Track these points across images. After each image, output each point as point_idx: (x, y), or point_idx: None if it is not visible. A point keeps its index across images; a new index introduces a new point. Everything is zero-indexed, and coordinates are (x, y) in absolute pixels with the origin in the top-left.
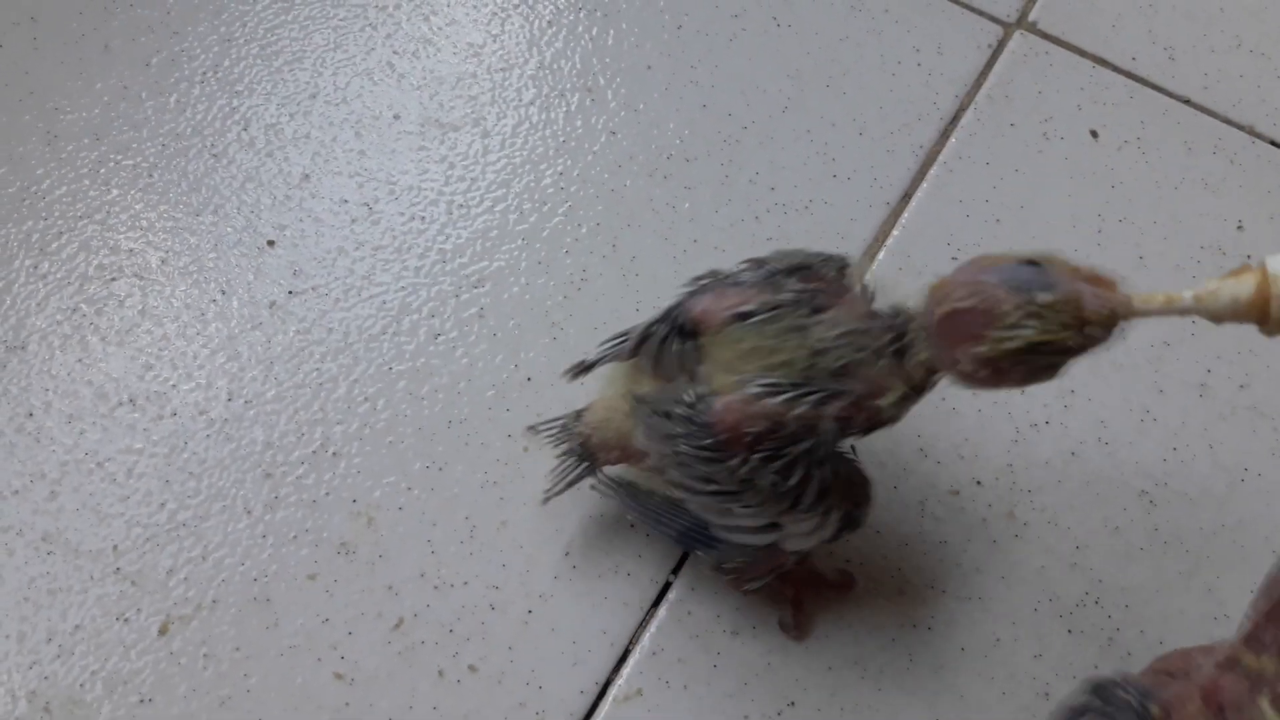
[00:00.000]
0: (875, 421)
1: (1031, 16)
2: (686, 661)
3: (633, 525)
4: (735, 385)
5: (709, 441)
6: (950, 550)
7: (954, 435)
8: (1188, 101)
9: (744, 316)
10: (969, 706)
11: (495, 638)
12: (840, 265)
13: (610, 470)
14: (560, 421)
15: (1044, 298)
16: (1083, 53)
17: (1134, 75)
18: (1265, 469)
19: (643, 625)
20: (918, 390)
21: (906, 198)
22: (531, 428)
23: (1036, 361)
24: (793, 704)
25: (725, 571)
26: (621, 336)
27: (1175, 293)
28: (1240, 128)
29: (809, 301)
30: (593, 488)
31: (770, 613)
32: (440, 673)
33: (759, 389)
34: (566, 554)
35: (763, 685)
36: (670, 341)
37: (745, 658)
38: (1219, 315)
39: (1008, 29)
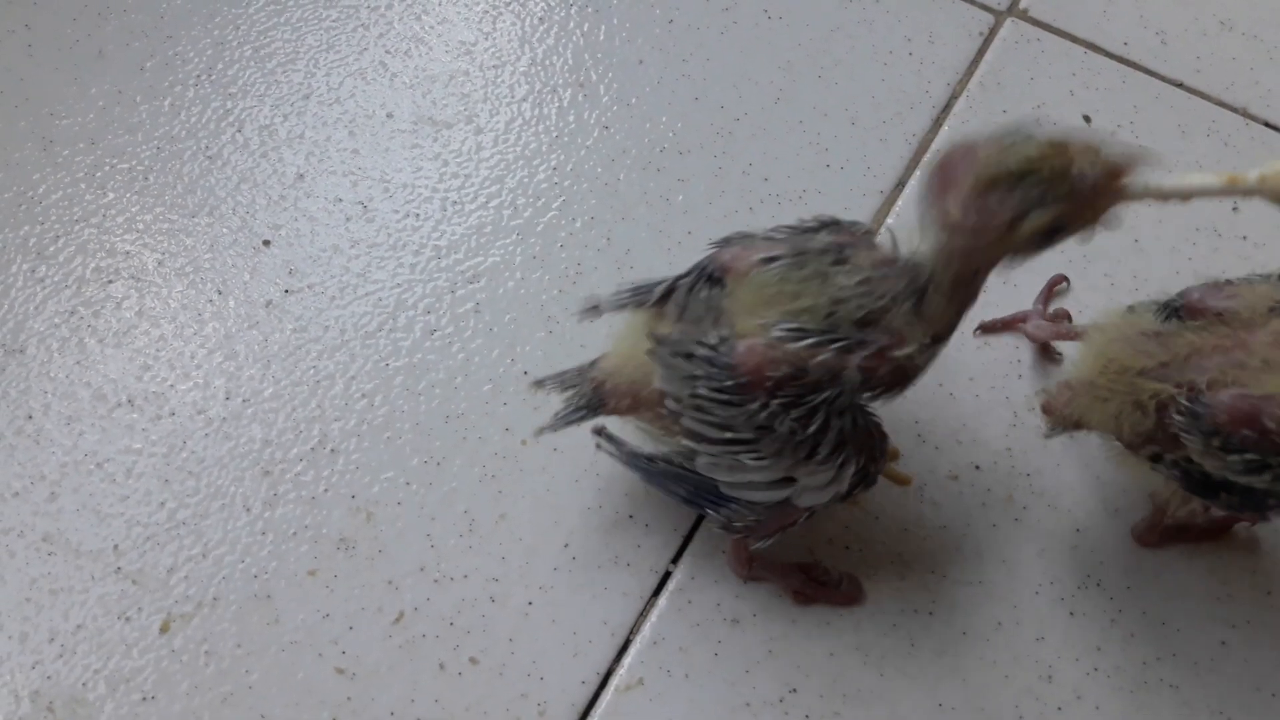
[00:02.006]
0: (901, 375)
1: (1022, 4)
2: (687, 650)
3: (632, 516)
4: (759, 329)
5: (730, 383)
6: (950, 535)
7: (952, 420)
8: (1180, 85)
9: (771, 261)
10: (972, 690)
11: (496, 630)
12: (866, 230)
13: (616, 432)
14: (570, 371)
15: (1028, 135)
16: (1074, 39)
17: (1126, 60)
18: None
19: (643, 615)
20: (938, 337)
21: (900, 186)
22: (539, 382)
23: (1023, 196)
24: (795, 690)
25: (735, 530)
26: (641, 288)
27: (1239, 173)
28: (1233, 110)
29: (835, 251)
30: (599, 447)
31: (770, 600)
32: (441, 665)
33: (783, 333)
34: (566, 545)
35: (764, 672)
36: (698, 289)
37: (746, 645)
38: None
39: (999, 16)
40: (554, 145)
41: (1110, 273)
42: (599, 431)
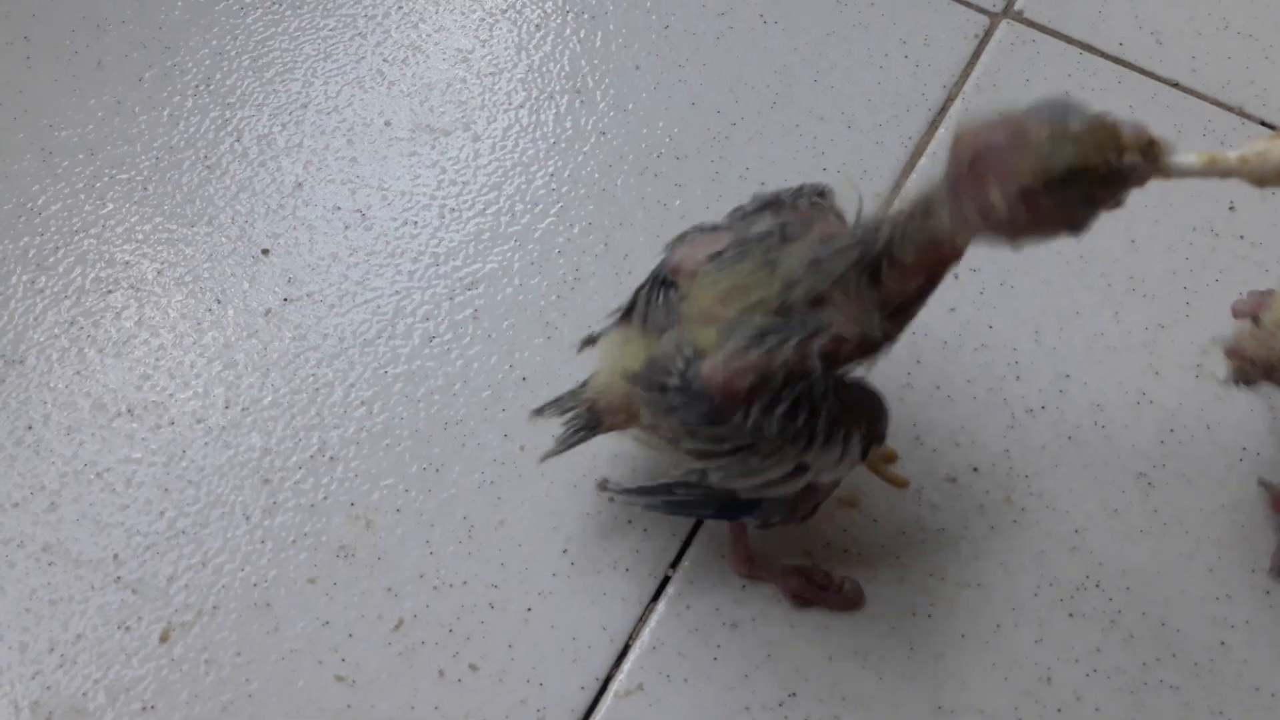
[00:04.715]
0: (871, 344)
1: (1017, 5)
2: (686, 655)
3: (630, 521)
4: (717, 342)
5: (706, 408)
6: (948, 537)
7: (950, 422)
8: (1176, 85)
9: (716, 257)
10: (971, 693)
11: (495, 636)
12: (815, 193)
13: (620, 480)
14: (565, 395)
15: (1079, 122)
16: (1069, 40)
17: (1122, 60)
18: (1263, 448)
19: (642, 620)
20: (905, 304)
21: (897, 189)
22: (537, 410)
23: (1074, 194)
24: (794, 695)
25: (772, 525)
26: (623, 305)
27: (1220, 153)
28: (1229, 109)
29: (779, 233)
30: (610, 500)
31: (769, 604)
32: (441, 672)
33: (741, 342)
34: (565, 551)
35: (763, 677)
36: (655, 296)
37: (745, 650)
38: (1265, 179)
39: (994, 19)
40: (551, 151)
41: (1107, 272)
42: (604, 486)
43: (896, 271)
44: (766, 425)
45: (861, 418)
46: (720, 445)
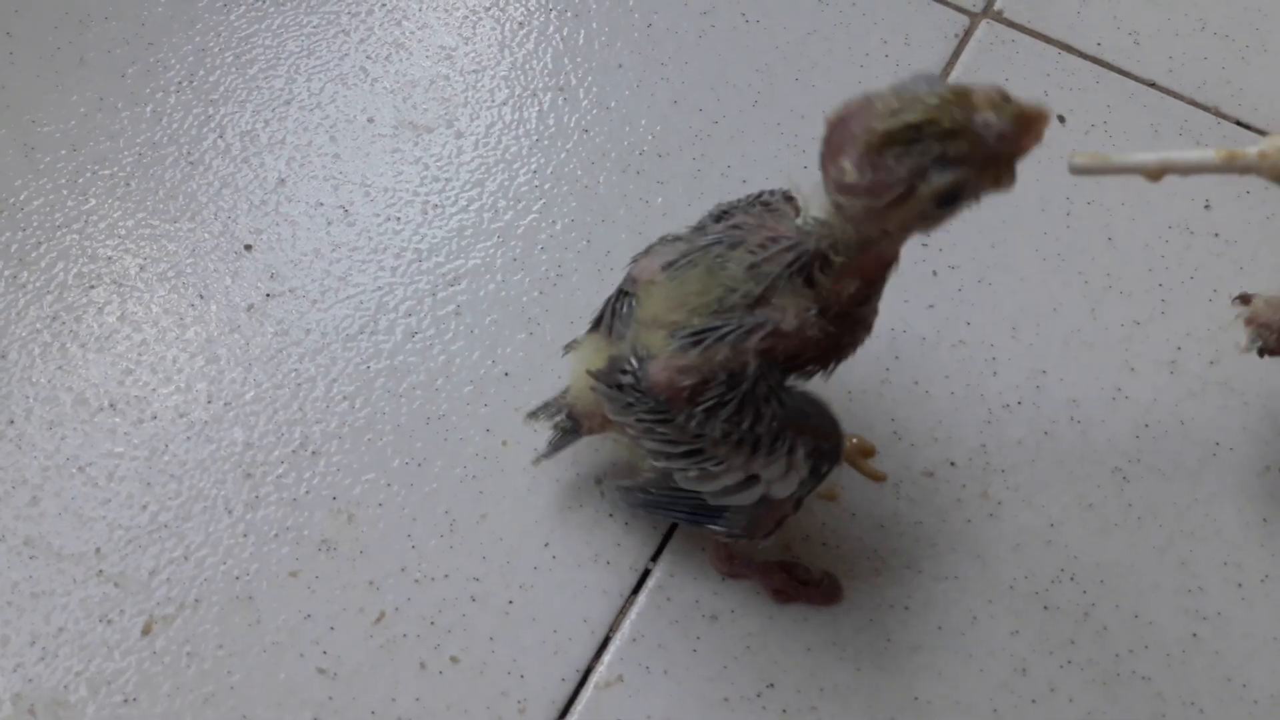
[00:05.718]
0: (811, 349)
1: (997, 5)
2: (666, 647)
3: (611, 515)
4: (663, 343)
5: (653, 405)
6: (926, 531)
7: (927, 418)
8: (1154, 85)
9: (669, 266)
10: (947, 684)
11: (476, 629)
12: (784, 196)
13: (612, 477)
14: (553, 400)
15: (923, 89)
16: (1048, 39)
17: (1100, 60)
18: (1236, 443)
19: (623, 612)
20: (844, 308)
21: None
22: (531, 414)
23: (924, 155)
24: (772, 686)
25: (738, 537)
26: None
27: (1238, 149)
28: (1205, 109)
29: (727, 239)
30: (602, 494)
31: (748, 597)
32: (422, 665)
33: (681, 342)
34: (546, 544)
35: (742, 668)
36: (620, 306)
37: (724, 642)
38: None
39: (974, 18)
40: (534, 148)
41: (1084, 270)
42: (599, 481)
43: (830, 274)
44: (709, 428)
45: (805, 429)
46: (674, 447)
